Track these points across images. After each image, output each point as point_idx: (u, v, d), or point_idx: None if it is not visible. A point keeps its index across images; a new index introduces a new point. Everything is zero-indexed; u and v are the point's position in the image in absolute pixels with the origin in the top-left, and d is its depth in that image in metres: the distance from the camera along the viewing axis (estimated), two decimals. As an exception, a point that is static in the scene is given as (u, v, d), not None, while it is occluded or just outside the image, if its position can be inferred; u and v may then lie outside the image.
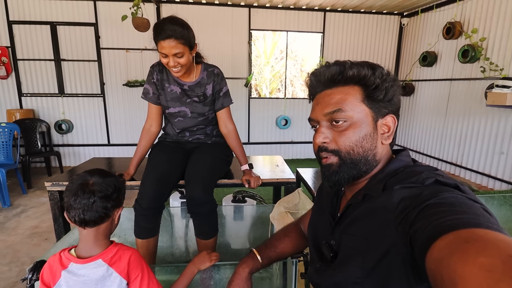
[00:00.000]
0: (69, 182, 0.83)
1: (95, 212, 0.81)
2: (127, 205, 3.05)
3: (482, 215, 0.42)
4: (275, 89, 7.26)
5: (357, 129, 0.60)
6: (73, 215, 0.80)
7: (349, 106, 0.60)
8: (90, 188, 0.81)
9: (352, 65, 0.62)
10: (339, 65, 0.63)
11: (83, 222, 0.81)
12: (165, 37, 1.30)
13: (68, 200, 0.80)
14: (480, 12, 3.43)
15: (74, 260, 0.83)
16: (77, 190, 0.80)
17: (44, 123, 4.09)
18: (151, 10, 4.11)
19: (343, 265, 0.60)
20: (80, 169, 1.77)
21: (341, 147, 0.61)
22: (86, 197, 0.79)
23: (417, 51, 4.47)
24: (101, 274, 0.82)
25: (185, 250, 1.77)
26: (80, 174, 0.84)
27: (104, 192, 0.82)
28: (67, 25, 4.15)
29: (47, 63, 4.23)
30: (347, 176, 0.62)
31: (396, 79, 0.63)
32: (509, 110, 3.07)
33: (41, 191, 3.43)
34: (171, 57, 1.34)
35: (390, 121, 0.63)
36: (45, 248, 2.24)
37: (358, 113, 0.60)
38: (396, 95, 0.63)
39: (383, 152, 0.64)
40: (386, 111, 0.62)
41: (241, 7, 4.42)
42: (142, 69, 4.39)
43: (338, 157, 0.62)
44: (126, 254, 0.87)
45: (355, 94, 0.61)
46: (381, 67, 0.62)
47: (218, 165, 1.56)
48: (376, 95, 0.60)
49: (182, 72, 1.43)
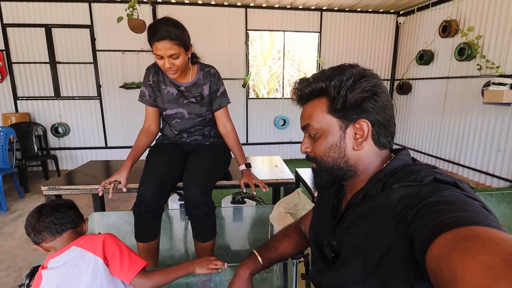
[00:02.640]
0: (27, 220, 0.89)
1: (69, 218, 0.89)
2: (126, 208, 3.03)
3: (481, 212, 0.42)
4: (272, 89, 7.25)
5: (325, 139, 0.64)
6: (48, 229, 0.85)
7: (315, 119, 0.65)
8: (56, 203, 0.90)
9: (311, 81, 0.65)
10: (303, 82, 0.67)
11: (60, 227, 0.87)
12: (160, 39, 1.28)
13: (37, 223, 0.86)
14: (476, 10, 3.45)
15: (51, 256, 0.86)
16: (45, 211, 0.87)
17: (40, 127, 4.06)
18: (147, 11, 4.09)
19: (345, 265, 0.60)
20: (77, 172, 1.75)
21: (316, 155, 0.67)
22: (55, 209, 0.88)
23: (413, 49, 4.49)
24: (75, 257, 0.84)
25: (184, 252, 1.76)
26: (32, 211, 0.90)
27: (69, 203, 0.94)
28: (62, 27, 4.12)
29: (42, 66, 4.20)
30: (324, 180, 0.67)
31: (361, 85, 0.60)
32: (505, 107, 3.09)
33: (38, 195, 3.41)
34: (166, 58, 1.32)
35: (362, 126, 0.61)
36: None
37: (325, 124, 0.64)
38: (364, 99, 0.61)
39: (361, 157, 0.63)
40: (355, 117, 0.62)
41: (237, 7, 4.41)
42: (139, 70, 4.37)
43: (315, 164, 0.68)
44: (100, 236, 0.90)
45: (322, 106, 0.64)
46: (342, 74, 0.61)
47: (216, 166, 1.55)
48: (335, 104, 0.62)
49: (178, 74, 1.41)
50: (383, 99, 0.62)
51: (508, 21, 3.11)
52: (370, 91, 0.61)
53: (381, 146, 0.64)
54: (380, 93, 0.62)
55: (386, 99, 0.63)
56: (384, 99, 0.62)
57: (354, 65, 0.64)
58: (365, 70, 0.63)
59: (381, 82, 0.64)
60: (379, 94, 0.62)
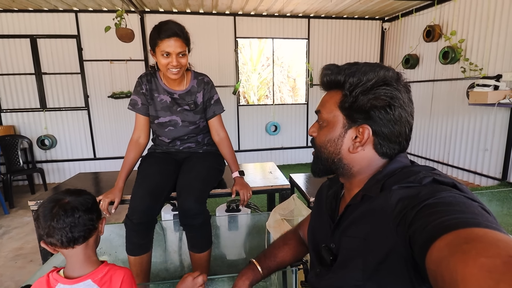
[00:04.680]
0: (39, 209, 0.78)
1: (83, 226, 0.77)
2: (117, 220, 2.95)
3: (481, 214, 0.42)
4: (263, 96, 7.29)
5: (328, 131, 0.65)
6: (58, 237, 0.75)
7: (326, 109, 0.65)
8: (70, 205, 0.77)
9: (335, 72, 0.63)
10: (328, 69, 0.65)
11: (72, 240, 0.76)
12: (172, 35, 1.31)
13: (48, 225, 0.75)
14: (458, 15, 3.56)
15: (62, 281, 0.78)
16: (56, 212, 0.75)
17: (25, 139, 3.94)
18: (135, 21, 4.06)
19: (343, 268, 0.59)
20: (66, 186, 1.70)
21: (316, 143, 0.68)
22: (70, 215, 0.76)
23: (399, 54, 4.59)
24: None
25: (179, 264, 1.72)
26: (49, 197, 0.80)
27: (85, 205, 0.80)
28: (48, 37, 4.05)
29: (27, 77, 4.11)
30: (319, 169, 0.69)
31: (377, 91, 0.58)
32: (490, 107, 3.17)
33: (24, 211, 3.28)
34: (174, 55, 1.33)
35: (364, 131, 0.60)
36: (31, 271, 2.13)
37: (332, 117, 0.64)
38: (374, 107, 0.58)
39: (355, 159, 0.63)
40: (360, 121, 0.60)
41: (226, 15, 4.44)
42: (128, 80, 4.32)
43: (314, 150, 0.70)
44: (118, 274, 0.83)
45: (336, 98, 0.63)
46: (365, 74, 0.59)
47: (210, 175, 1.52)
48: (345, 101, 0.61)
49: (180, 74, 1.41)
50: (397, 114, 0.59)
51: (489, 25, 3.22)
52: (384, 101, 0.58)
53: (384, 156, 0.62)
54: (396, 107, 0.58)
55: (401, 115, 0.59)
56: (398, 114, 0.59)
57: (386, 68, 0.60)
58: (393, 78, 0.59)
59: (403, 96, 0.59)
60: (393, 108, 0.58)
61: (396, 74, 0.60)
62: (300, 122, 5.03)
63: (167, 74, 1.40)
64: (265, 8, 4.26)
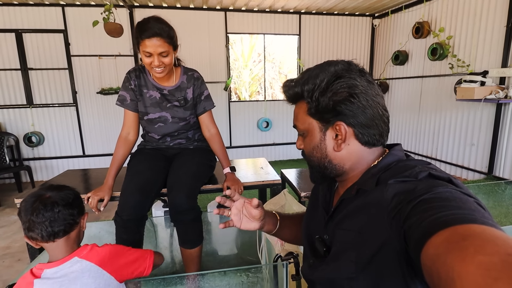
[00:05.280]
0: (21, 203, 0.79)
1: (63, 220, 0.79)
2: (107, 217, 2.92)
3: (477, 210, 0.42)
4: (254, 92, 7.27)
5: (310, 140, 0.67)
6: (38, 231, 0.76)
7: (300, 121, 0.68)
8: (51, 200, 0.78)
9: (292, 85, 0.67)
10: (286, 86, 0.69)
11: (52, 234, 0.77)
12: (151, 35, 1.26)
13: (28, 219, 0.76)
14: (446, 11, 3.61)
15: (47, 266, 0.79)
16: (37, 206, 0.76)
17: (12, 136, 3.85)
18: (123, 15, 3.99)
19: (337, 260, 0.59)
20: (53, 183, 1.67)
21: (306, 154, 0.70)
22: (49, 209, 0.77)
23: (389, 50, 4.64)
24: (79, 270, 0.78)
25: (171, 261, 1.71)
26: (31, 193, 0.81)
27: (65, 200, 0.81)
28: (34, 32, 3.94)
29: (13, 73, 3.99)
30: (315, 176, 0.70)
31: (334, 87, 0.59)
32: (477, 103, 3.24)
33: (11, 209, 3.21)
34: (156, 56, 1.30)
35: (340, 128, 0.61)
36: (18, 270, 2.09)
37: (308, 125, 0.66)
38: (337, 103, 0.59)
39: (344, 157, 0.63)
40: (333, 120, 0.61)
41: (216, 11, 4.40)
42: (117, 75, 4.25)
43: (306, 161, 0.72)
44: (105, 246, 0.85)
45: (303, 108, 0.66)
46: (317, 77, 0.61)
47: (201, 170, 1.52)
48: (311, 108, 0.63)
49: (165, 73, 1.39)
50: (362, 99, 0.59)
51: (476, 22, 3.28)
52: (343, 93, 0.59)
53: (368, 144, 0.62)
54: (358, 93, 0.59)
55: (366, 99, 0.60)
56: (363, 99, 0.59)
57: (335, 63, 0.62)
58: (343, 70, 0.61)
59: (360, 81, 0.60)
60: (356, 95, 0.59)
61: (346, 64, 0.62)
62: (291, 118, 5.00)
63: (151, 72, 1.39)
64: (256, 3, 4.23)
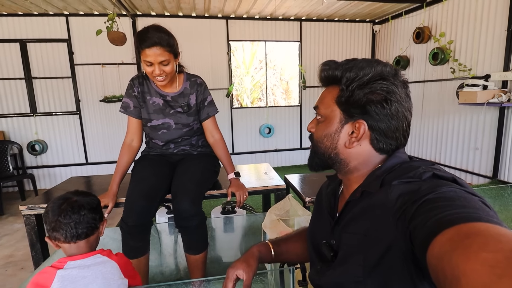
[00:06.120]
0: (48, 205, 0.85)
1: (86, 223, 0.86)
2: (110, 225, 2.90)
3: (482, 208, 0.42)
4: (256, 99, 7.30)
5: (325, 126, 0.65)
6: (63, 231, 0.82)
7: (324, 105, 0.65)
8: (78, 203, 0.86)
9: (332, 67, 0.64)
10: (326, 65, 0.66)
11: (75, 236, 0.84)
12: (151, 45, 1.27)
13: (55, 219, 0.82)
14: (446, 16, 3.64)
15: (71, 259, 0.84)
16: (64, 208, 0.83)
17: (15, 145, 3.87)
18: (126, 24, 4.04)
19: (344, 264, 0.59)
20: (57, 190, 1.67)
21: (314, 138, 0.69)
22: (76, 212, 0.84)
23: (390, 56, 4.66)
24: (102, 263, 0.85)
25: (175, 267, 1.70)
26: (59, 196, 0.88)
27: (91, 204, 0.88)
28: (38, 42, 4.00)
29: (17, 82, 4.04)
30: (315, 163, 0.69)
31: (374, 86, 0.58)
32: (480, 107, 3.23)
33: (15, 217, 3.21)
34: (156, 65, 1.30)
35: (360, 126, 0.60)
36: (22, 278, 2.08)
37: (330, 112, 0.64)
38: (370, 102, 0.58)
39: (351, 155, 0.63)
40: (356, 116, 0.60)
41: (218, 19, 4.45)
42: (120, 84, 4.29)
43: (312, 145, 0.70)
44: (118, 255, 0.93)
45: (333, 93, 0.64)
46: (362, 69, 0.59)
47: (205, 176, 1.52)
48: (342, 96, 0.61)
49: (166, 81, 1.39)
50: (394, 108, 0.58)
51: (476, 26, 3.29)
52: (380, 95, 0.58)
53: (381, 151, 0.62)
54: (393, 101, 0.58)
55: (398, 110, 0.58)
56: (395, 109, 0.58)
57: (384, 64, 0.60)
58: (389, 73, 0.59)
59: (400, 91, 0.59)
60: (390, 102, 0.58)
61: (394, 69, 0.60)
62: (293, 124, 5.05)
63: (153, 80, 1.40)
64: (257, 11, 4.28)
